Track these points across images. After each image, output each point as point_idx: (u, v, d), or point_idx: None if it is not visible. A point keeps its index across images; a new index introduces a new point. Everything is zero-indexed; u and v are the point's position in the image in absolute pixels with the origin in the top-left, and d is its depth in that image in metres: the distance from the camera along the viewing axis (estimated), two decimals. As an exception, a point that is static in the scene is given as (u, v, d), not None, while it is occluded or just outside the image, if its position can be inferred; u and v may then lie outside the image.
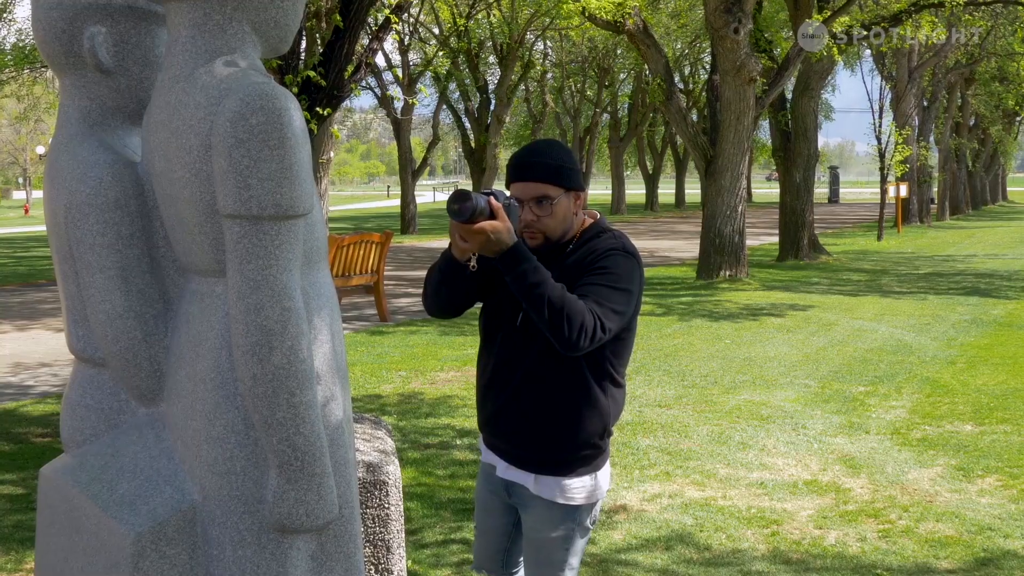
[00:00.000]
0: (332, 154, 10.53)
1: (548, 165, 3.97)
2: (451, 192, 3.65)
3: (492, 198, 3.70)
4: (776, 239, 30.79)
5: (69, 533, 3.44)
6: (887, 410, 10.57)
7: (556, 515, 4.07)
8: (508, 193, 3.94)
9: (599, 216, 4.20)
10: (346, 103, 9.33)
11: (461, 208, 3.62)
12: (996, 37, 42.56)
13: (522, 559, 4.39)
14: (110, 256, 3.35)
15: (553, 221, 3.98)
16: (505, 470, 4.17)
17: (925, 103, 46.31)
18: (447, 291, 4.09)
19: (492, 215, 3.67)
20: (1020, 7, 28.99)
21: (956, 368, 12.81)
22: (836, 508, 7.56)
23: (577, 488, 4.07)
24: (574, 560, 4.16)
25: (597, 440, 4.08)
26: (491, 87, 46.80)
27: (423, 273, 4.53)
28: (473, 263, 3.89)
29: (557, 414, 4.02)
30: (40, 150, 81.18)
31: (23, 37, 29.87)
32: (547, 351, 3.91)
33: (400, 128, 44.89)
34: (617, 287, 3.87)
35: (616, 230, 4.12)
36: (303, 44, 9.79)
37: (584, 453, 4.07)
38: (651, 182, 69.81)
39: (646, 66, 30.93)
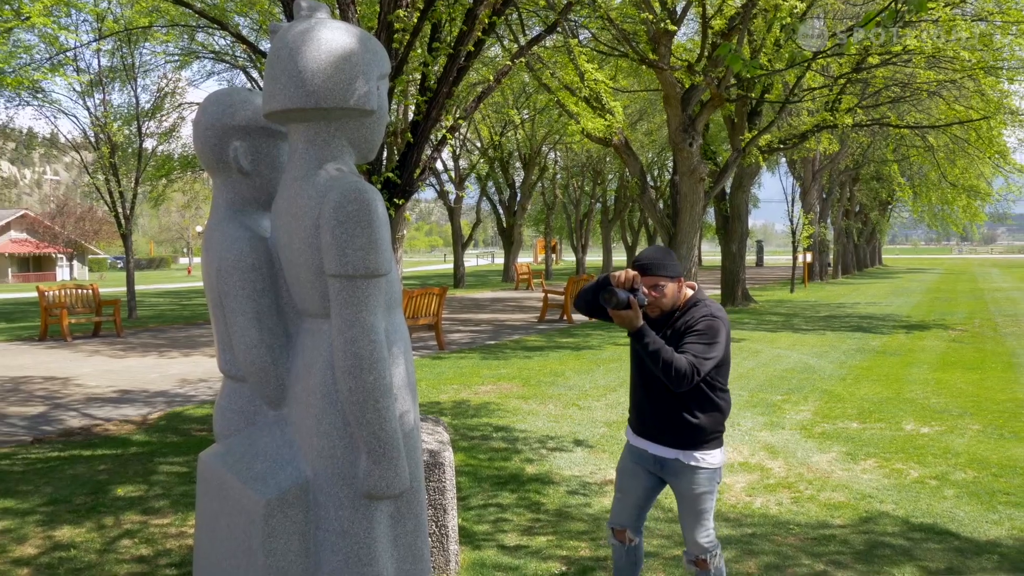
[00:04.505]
0: (405, 232, 10.57)
1: (658, 265, 4.30)
2: (606, 289, 4.04)
3: (632, 296, 4.04)
4: (719, 291, 30.67)
5: (219, 499, 3.44)
6: (797, 412, 10.48)
7: (703, 476, 4.32)
8: (639, 284, 4.22)
9: (696, 288, 4.49)
10: (415, 196, 9.36)
11: (608, 301, 4.00)
12: (874, 149, 42.40)
13: (644, 521, 4.64)
14: (248, 304, 3.37)
15: (666, 299, 4.31)
16: (660, 449, 4.39)
17: (824, 195, 46.10)
18: (589, 309, 4.37)
19: (629, 306, 4.02)
20: (890, 128, 28.90)
21: (846, 383, 12.70)
22: (761, 482, 7.50)
23: (714, 456, 4.33)
24: (711, 508, 4.39)
25: (720, 427, 4.35)
26: (517, 184, 46.98)
27: (472, 316, 4.61)
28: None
29: (692, 416, 4.29)
30: (198, 229, 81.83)
31: (186, 149, 30.12)
32: None
33: (453, 213, 44.99)
34: (708, 343, 4.17)
35: (707, 299, 4.41)
36: (385, 154, 9.84)
37: (716, 433, 4.34)
38: (631, 251, 69.67)
39: (627, 169, 30.92)
